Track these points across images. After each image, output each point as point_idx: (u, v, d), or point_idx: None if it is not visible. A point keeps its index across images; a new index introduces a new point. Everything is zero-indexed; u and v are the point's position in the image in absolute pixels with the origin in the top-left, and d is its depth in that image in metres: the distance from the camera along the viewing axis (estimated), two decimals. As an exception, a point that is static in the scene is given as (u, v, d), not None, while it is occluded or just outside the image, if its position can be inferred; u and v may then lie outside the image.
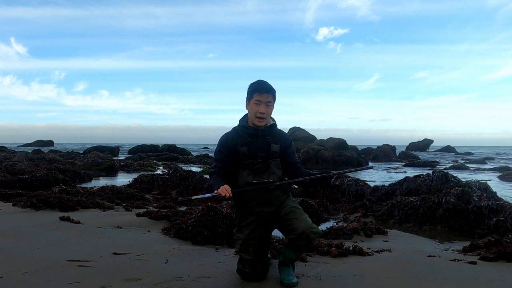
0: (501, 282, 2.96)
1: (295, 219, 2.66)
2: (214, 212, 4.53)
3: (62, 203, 6.13)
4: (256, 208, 2.74)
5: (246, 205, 2.77)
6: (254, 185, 2.71)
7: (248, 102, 2.80)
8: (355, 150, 24.83)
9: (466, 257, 3.82)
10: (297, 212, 2.71)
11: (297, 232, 2.60)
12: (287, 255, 2.78)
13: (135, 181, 10.43)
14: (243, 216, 2.80)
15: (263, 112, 2.72)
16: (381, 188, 7.89)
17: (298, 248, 2.70)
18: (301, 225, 2.61)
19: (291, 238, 2.66)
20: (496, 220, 5.37)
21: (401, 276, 3.01)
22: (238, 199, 2.80)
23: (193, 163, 23.15)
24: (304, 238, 2.61)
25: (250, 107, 2.78)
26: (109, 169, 16.17)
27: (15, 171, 11.61)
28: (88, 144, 78.05)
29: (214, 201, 5.30)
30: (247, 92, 2.81)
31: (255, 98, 2.73)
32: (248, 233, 2.76)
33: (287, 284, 2.71)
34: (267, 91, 2.73)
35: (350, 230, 4.97)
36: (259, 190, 2.71)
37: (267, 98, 2.73)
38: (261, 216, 2.75)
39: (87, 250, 3.59)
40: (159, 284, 2.71)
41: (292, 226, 2.65)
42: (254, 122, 2.77)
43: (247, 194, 2.73)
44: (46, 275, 2.83)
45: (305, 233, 2.59)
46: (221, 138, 2.84)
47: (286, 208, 2.74)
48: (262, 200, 2.73)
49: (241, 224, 2.81)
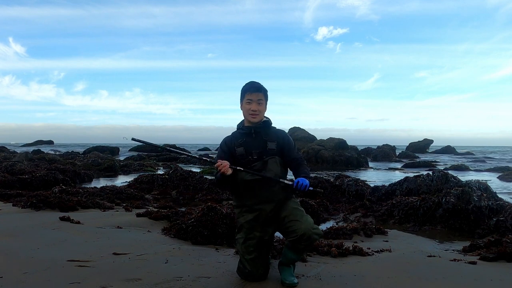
0: (501, 282, 2.96)
1: (296, 220, 2.67)
2: (214, 212, 4.53)
3: (62, 203, 6.13)
4: (255, 206, 2.76)
5: (246, 203, 2.79)
6: (250, 182, 2.73)
7: (241, 103, 2.89)
8: (355, 150, 24.84)
9: (466, 257, 3.82)
10: (298, 213, 2.72)
11: (298, 234, 2.62)
12: (288, 255, 2.78)
13: (135, 181, 10.43)
14: (244, 215, 2.82)
15: (255, 109, 2.82)
16: (381, 188, 7.90)
17: (299, 249, 2.72)
18: (302, 227, 2.62)
19: (292, 240, 2.67)
20: (496, 220, 5.37)
21: (401, 276, 3.02)
22: (238, 197, 2.84)
23: (193, 163, 23.14)
24: (305, 240, 2.62)
25: (243, 107, 2.88)
26: (109, 169, 16.16)
27: (15, 171, 11.61)
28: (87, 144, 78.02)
29: (214, 201, 5.31)
30: (241, 93, 2.91)
31: (246, 98, 2.84)
32: (248, 232, 2.77)
33: (288, 285, 2.71)
34: (257, 90, 2.84)
35: (350, 230, 4.97)
36: (258, 187, 2.73)
37: (257, 97, 2.83)
38: (261, 214, 2.75)
39: (87, 250, 3.59)
40: (159, 284, 2.71)
41: (293, 228, 2.65)
42: (248, 119, 2.85)
43: (246, 191, 2.77)
44: (46, 275, 2.83)
45: (306, 235, 2.61)
46: (221, 143, 2.94)
47: (287, 210, 2.75)
48: (261, 197, 2.75)
49: (242, 223, 2.82)
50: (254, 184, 2.74)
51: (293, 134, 33.65)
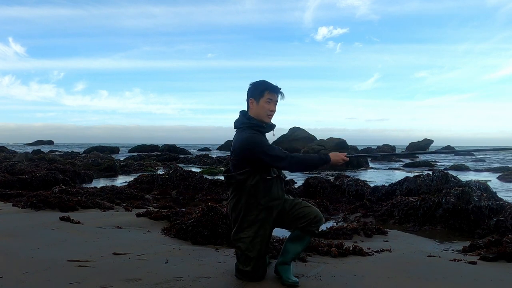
0: (501, 282, 2.96)
1: (305, 206, 2.81)
2: (214, 212, 4.53)
3: (62, 203, 6.13)
4: (269, 203, 2.77)
5: (260, 202, 2.74)
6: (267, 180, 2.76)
7: (256, 99, 2.81)
8: (355, 150, 24.83)
9: (466, 257, 3.82)
10: (302, 202, 2.89)
11: (310, 217, 2.75)
12: (292, 249, 2.80)
13: (135, 181, 10.42)
14: (257, 213, 2.75)
15: (274, 110, 2.86)
16: (381, 188, 7.89)
17: (305, 235, 2.78)
18: (313, 210, 2.79)
19: (303, 226, 2.75)
20: (496, 220, 5.37)
21: (401, 276, 3.02)
22: (253, 195, 2.73)
23: (193, 163, 23.13)
24: (317, 221, 2.76)
25: (259, 105, 2.81)
26: (109, 169, 16.14)
27: (15, 171, 11.60)
28: (87, 144, 78.05)
29: (214, 201, 5.31)
30: (255, 89, 2.83)
31: (267, 96, 2.81)
32: (257, 230, 2.75)
33: (291, 284, 2.70)
34: (278, 91, 2.87)
35: (350, 230, 4.97)
36: (275, 185, 2.80)
37: (276, 98, 2.87)
38: (272, 212, 2.79)
39: (87, 250, 3.59)
40: (159, 284, 2.71)
41: (304, 212, 2.77)
42: (263, 119, 2.84)
43: (260, 190, 2.73)
44: (46, 275, 2.83)
45: (318, 216, 2.76)
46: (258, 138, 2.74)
47: (289, 201, 2.86)
48: (272, 195, 2.78)
49: (252, 221, 2.75)
50: (271, 182, 2.78)
51: (293, 134, 33.66)
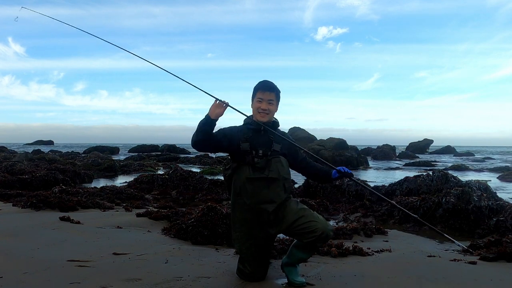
0: (501, 282, 2.96)
1: (311, 221, 2.65)
2: (214, 212, 4.53)
3: (62, 203, 6.13)
4: (256, 205, 2.69)
5: (245, 202, 2.72)
6: (253, 180, 2.70)
7: (252, 100, 2.89)
8: (355, 150, 24.82)
9: (466, 257, 3.81)
10: (309, 213, 2.70)
11: (316, 234, 2.61)
12: (297, 256, 2.77)
13: (135, 181, 10.42)
14: (242, 213, 2.76)
15: (265, 108, 2.80)
16: (381, 188, 7.90)
17: (314, 248, 2.76)
18: (319, 226, 2.62)
19: (310, 242, 2.65)
20: (496, 220, 5.37)
21: (401, 276, 3.02)
22: (238, 194, 2.75)
23: (193, 163, 23.13)
24: (323, 238, 2.64)
25: (253, 104, 2.87)
26: (109, 169, 16.14)
27: (15, 171, 11.60)
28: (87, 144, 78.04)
29: (214, 201, 5.31)
30: (253, 91, 2.89)
31: (258, 96, 2.83)
32: (247, 231, 2.74)
33: (299, 285, 2.70)
34: (269, 89, 2.83)
35: (350, 230, 4.97)
36: (258, 186, 2.70)
37: (269, 96, 2.82)
38: (263, 215, 2.70)
39: (87, 250, 3.59)
40: (159, 284, 2.71)
41: (311, 228, 2.62)
42: (257, 118, 2.83)
43: (246, 190, 2.71)
44: (46, 275, 2.83)
45: (324, 233, 2.61)
46: (227, 127, 2.88)
47: (293, 211, 2.70)
48: (261, 196, 2.69)
49: (239, 221, 2.78)
50: (257, 182, 2.69)
51: (293, 134, 33.65)
